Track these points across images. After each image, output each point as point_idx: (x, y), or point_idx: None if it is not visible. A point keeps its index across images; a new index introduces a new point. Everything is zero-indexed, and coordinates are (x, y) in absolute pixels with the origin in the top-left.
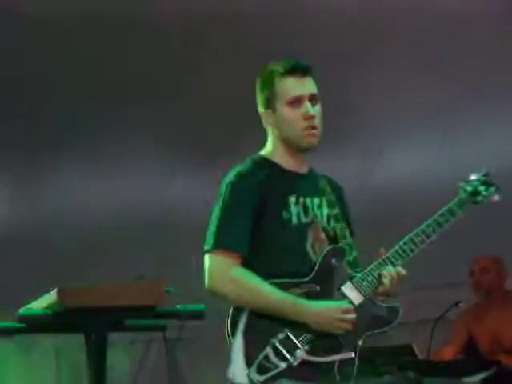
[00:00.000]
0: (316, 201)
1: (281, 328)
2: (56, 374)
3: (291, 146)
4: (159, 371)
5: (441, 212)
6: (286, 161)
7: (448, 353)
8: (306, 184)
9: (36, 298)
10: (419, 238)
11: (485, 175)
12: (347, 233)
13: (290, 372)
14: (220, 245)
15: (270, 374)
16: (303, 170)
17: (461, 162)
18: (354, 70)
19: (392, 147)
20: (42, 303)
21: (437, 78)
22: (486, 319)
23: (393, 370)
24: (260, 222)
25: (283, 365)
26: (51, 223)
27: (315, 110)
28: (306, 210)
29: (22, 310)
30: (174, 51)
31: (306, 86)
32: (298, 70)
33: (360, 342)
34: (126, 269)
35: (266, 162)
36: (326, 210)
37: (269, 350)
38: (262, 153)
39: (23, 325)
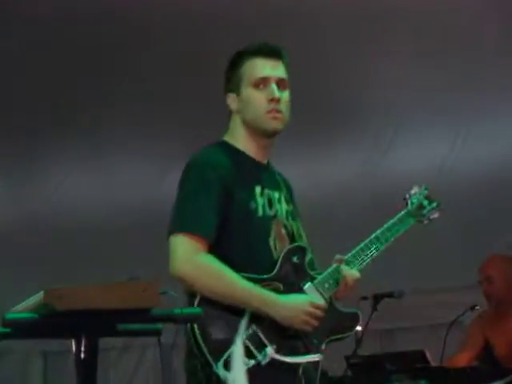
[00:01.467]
0: (276, 195)
1: (248, 324)
2: (43, 381)
3: (255, 130)
4: (154, 379)
5: (392, 222)
6: (248, 148)
7: (463, 359)
8: (267, 175)
9: (22, 300)
10: (375, 246)
11: (426, 189)
12: (303, 232)
13: (257, 370)
14: (186, 228)
15: None
16: (264, 160)
17: (474, 152)
18: (365, 59)
19: (403, 136)
20: (28, 306)
21: (450, 70)
22: (502, 324)
23: (404, 378)
24: (228, 209)
25: (251, 362)
26: (41, 222)
27: (282, 95)
28: (270, 202)
29: (6, 314)
30: (173, 47)
31: (275, 69)
32: (267, 51)
33: (323, 347)
34: (119, 269)
35: (230, 148)
36: (284, 206)
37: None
38: (226, 139)
39: (8, 329)
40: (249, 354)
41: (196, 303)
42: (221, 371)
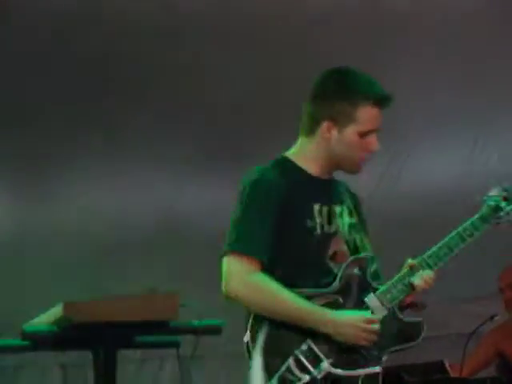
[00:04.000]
0: (338, 209)
1: (303, 339)
2: None
3: (335, 163)
4: None
5: (464, 226)
6: (312, 167)
7: (465, 369)
8: (329, 191)
9: (41, 312)
10: (444, 251)
11: (506, 190)
12: (367, 243)
13: None
14: (239, 248)
15: None
16: (326, 176)
17: (491, 165)
18: (382, 71)
19: (421, 150)
20: (46, 318)
21: (467, 82)
22: None
23: None
24: (284, 228)
25: (306, 377)
26: (58, 237)
27: None
28: (329, 219)
29: (25, 327)
30: (192, 53)
31: (381, 120)
32: (385, 104)
33: (384, 358)
34: (137, 281)
35: (291, 166)
36: (347, 220)
37: (291, 362)
38: (289, 155)
39: (27, 342)
40: (303, 369)
41: (267, 326)
42: None
